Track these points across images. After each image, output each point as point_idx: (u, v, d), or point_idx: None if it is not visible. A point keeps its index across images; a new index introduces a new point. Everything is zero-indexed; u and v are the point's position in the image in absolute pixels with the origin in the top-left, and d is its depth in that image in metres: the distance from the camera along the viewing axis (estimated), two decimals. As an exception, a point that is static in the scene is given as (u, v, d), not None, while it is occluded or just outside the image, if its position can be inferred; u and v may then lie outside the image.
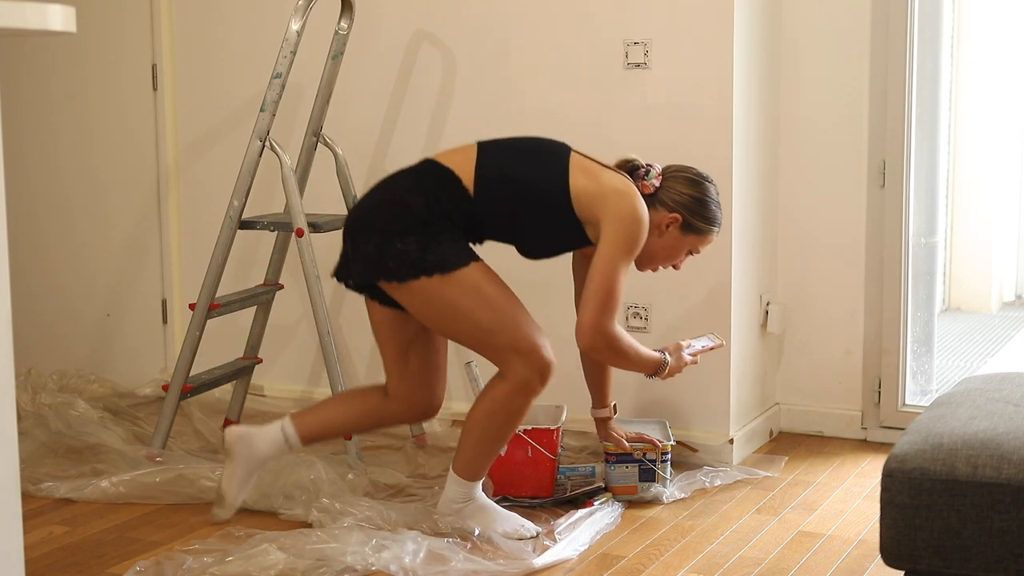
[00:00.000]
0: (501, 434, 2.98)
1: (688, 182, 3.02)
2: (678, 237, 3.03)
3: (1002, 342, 5.83)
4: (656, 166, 3.02)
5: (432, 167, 2.95)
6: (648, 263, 3.07)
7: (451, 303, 2.87)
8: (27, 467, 3.48)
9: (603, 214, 2.88)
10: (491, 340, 2.91)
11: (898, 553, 2.16)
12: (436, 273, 2.84)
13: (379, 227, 2.88)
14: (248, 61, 4.25)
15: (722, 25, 3.58)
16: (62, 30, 1.68)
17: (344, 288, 3.06)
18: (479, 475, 3.03)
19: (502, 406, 2.93)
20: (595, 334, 2.89)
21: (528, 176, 2.92)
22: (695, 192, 3.02)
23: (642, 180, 2.98)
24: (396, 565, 2.80)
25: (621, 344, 2.95)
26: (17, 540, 1.72)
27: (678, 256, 3.08)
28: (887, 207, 3.85)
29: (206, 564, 2.80)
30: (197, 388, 3.75)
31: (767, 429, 3.95)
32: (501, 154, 2.96)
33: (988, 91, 6.35)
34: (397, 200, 2.90)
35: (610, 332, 2.90)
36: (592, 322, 2.88)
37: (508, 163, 2.94)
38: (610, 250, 2.87)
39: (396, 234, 2.85)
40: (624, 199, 2.88)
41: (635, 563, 2.91)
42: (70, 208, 4.67)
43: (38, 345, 4.64)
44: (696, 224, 3.02)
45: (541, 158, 2.96)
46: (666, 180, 3.01)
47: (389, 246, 2.85)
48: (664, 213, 2.99)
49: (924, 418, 2.36)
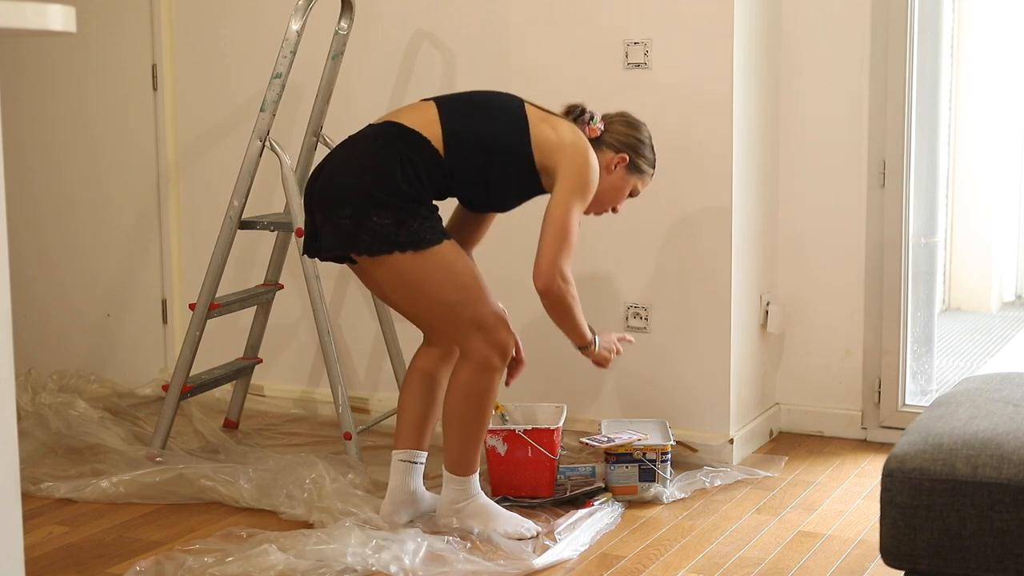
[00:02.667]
0: (478, 419, 3.02)
1: (628, 124, 3.17)
2: (623, 177, 3.15)
3: (1002, 342, 5.83)
4: (596, 111, 3.14)
5: (398, 129, 2.96)
6: (596, 206, 3.16)
7: (422, 279, 2.93)
8: (27, 467, 3.48)
9: (560, 162, 2.98)
10: (455, 317, 2.97)
11: (898, 553, 2.16)
12: (409, 250, 2.89)
13: (355, 198, 2.89)
14: (248, 61, 4.25)
15: (722, 25, 3.58)
16: (62, 30, 1.68)
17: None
18: (471, 468, 3.06)
19: (470, 390, 2.99)
20: (555, 275, 2.94)
21: (494, 131, 2.99)
22: (636, 133, 3.16)
23: (588, 124, 3.11)
24: (396, 565, 2.80)
25: (573, 293, 3.01)
26: (17, 540, 1.71)
27: (621, 197, 3.19)
28: (887, 207, 3.85)
29: (206, 564, 2.80)
30: (197, 388, 3.75)
31: (767, 429, 3.95)
32: (463, 111, 3.01)
33: (988, 91, 6.35)
34: (372, 167, 2.91)
35: (567, 276, 2.97)
36: (552, 263, 2.94)
37: (473, 120, 3.00)
38: (567, 195, 2.96)
39: (373, 205, 2.87)
40: (579, 147, 3.00)
41: (635, 563, 2.91)
42: (70, 208, 4.67)
43: (38, 345, 4.64)
44: (639, 164, 3.16)
45: (502, 112, 3.03)
46: (608, 124, 3.15)
47: (365, 219, 2.88)
48: (611, 154, 3.12)
49: (924, 418, 2.36)
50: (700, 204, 3.67)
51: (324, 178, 2.98)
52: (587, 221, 3.81)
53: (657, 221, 3.73)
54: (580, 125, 3.09)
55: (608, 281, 3.79)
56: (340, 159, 3.00)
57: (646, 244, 3.76)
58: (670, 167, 3.70)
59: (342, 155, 3.00)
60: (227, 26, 4.33)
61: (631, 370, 3.79)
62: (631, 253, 3.77)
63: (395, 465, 3.13)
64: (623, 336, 3.29)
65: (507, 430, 3.31)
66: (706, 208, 3.67)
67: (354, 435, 3.57)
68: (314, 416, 4.26)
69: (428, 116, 2.97)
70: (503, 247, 3.78)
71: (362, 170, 2.92)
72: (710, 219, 3.66)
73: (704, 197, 3.66)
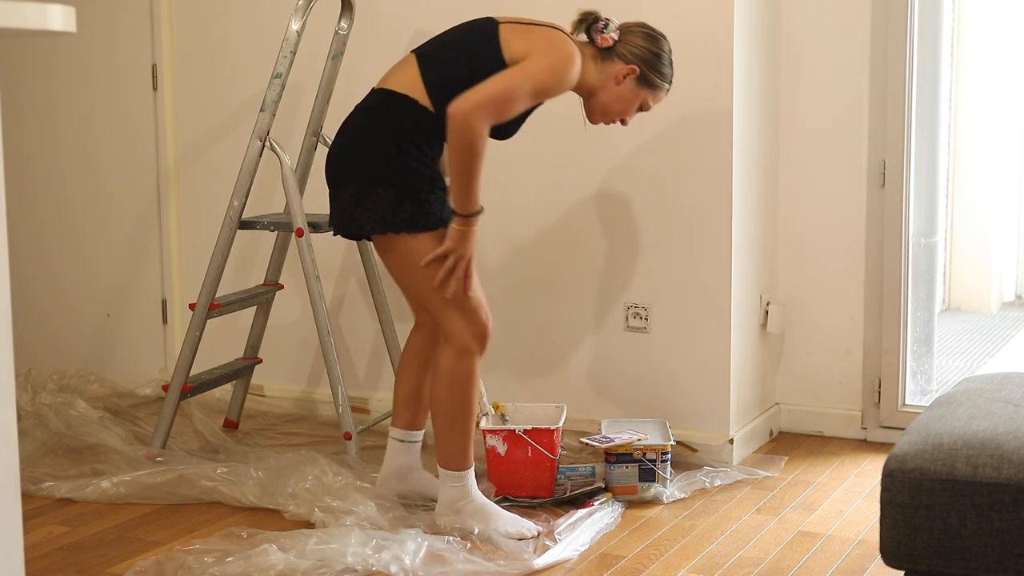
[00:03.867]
0: (464, 407, 3.04)
1: (646, 36, 3.09)
2: (632, 89, 3.08)
3: (1002, 342, 5.83)
4: (614, 20, 3.07)
5: (385, 97, 3.00)
6: (601, 115, 3.12)
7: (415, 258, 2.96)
8: (27, 467, 3.48)
9: (532, 49, 2.92)
10: (440, 297, 2.98)
11: (898, 553, 2.16)
12: (403, 231, 2.95)
13: (354, 177, 2.98)
14: (248, 61, 4.25)
15: (722, 25, 3.58)
16: (62, 30, 1.68)
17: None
18: (465, 462, 3.08)
19: (452, 377, 3.01)
20: (474, 109, 2.80)
21: (471, 68, 2.92)
22: (652, 46, 3.09)
23: (601, 33, 3.05)
24: (396, 565, 2.80)
25: (479, 140, 2.83)
26: (17, 540, 1.71)
27: (630, 109, 3.12)
28: (887, 207, 3.85)
29: (206, 564, 2.80)
30: (197, 388, 3.75)
31: (767, 429, 3.95)
32: (439, 57, 3.00)
33: (988, 91, 6.35)
34: (365, 142, 2.97)
35: (483, 122, 2.82)
36: (477, 99, 2.81)
37: (449, 63, 2.97)
38: (527, 62, 2.89)
39: (372, 183, 2.95)
40: (551, 39, 2.95)
41: (635, 563, 2.91)
42: (70, 208, 4.67)
43: (38, 345, 4.64)
44: (651, 78, 3.08)
45: (475, 45, 2.97)
46: (624, 34, 3.08)
47: (364, 197, 2.95)
48: (621, 65, 3.06)
49: (924, 418, 2.36)
50: (700, 204, 3.67)
51: (330, 157, 3.08)
52: (589, 208, 3.81)
53: (657, 221, 3.73)
54: (594, 33, 3.04)
55: (608, 281, 3.79)
56: (343, 136, 3.06)
57: (646, 244, 3.75)
58: (670, 167, 3.70)
59: (345, 132, 3.07)
60: (227, 26, 4.33)
61: (631, 370, 3.79)
62: (631, 253, 3.77)
63: (389, 443, 3.26)
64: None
65: (507, 430, 3.31)
66: (706, 208, 3.66)
67: (354, 435, 3.57)
68: (314, 416, 4.26)
69: (411, 72, 2.99)
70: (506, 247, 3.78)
71: (358, 146, 2.99)
72: (710, 219, 3.66)
73: (704, 197, 3.66)
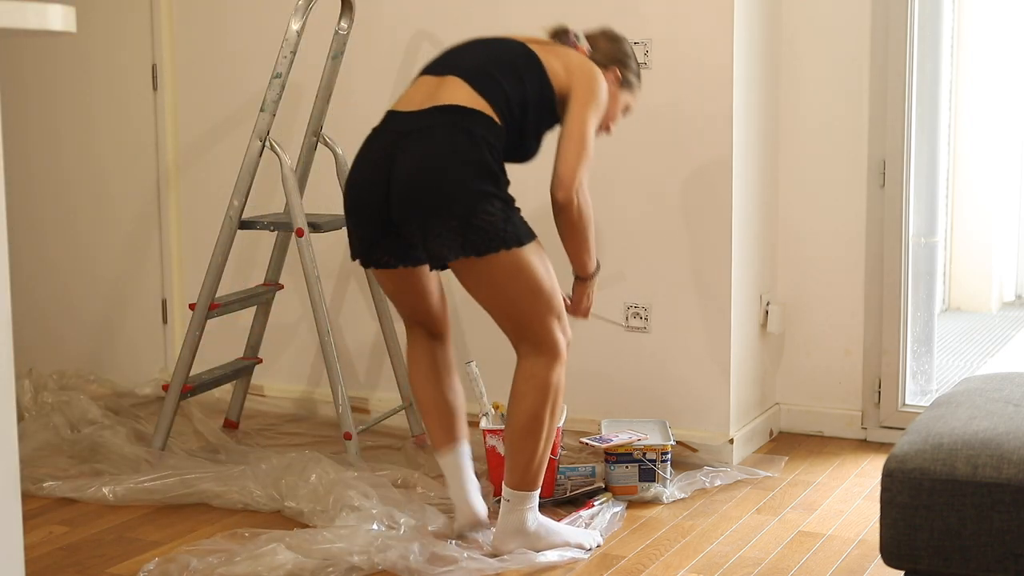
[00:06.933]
0: (554, 420, 2.91)
1: (610, 39, 3.12)
2: (615, 93, 3.08)
3: (1002, 342, 5.83)
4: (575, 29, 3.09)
5: (457, 111, 2.78)
6: None
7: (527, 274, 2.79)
8: (27, 467, 3.48)
9: (573, 85, 2.92)
10: (544, 308, 2.83)
11: (898, 553, 2.16)
12: (514, 246, 2.76)
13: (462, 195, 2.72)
14: (248, 61, 4.25)
15: (722, 25, 3.58)
16: (62, 30, 1.68)
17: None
18: (539, 480, 2.91)
19: (555, 389, 2.86)
20: (574, 186, 2.83)
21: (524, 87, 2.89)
22: (621, 46, 3.12)
23: (577, 46, 3.06)
24: (402, 564, 2.81)
25: (589, 208, 2.89)
26: (17, 540, 1.71)
27: (615, 115, 3.11)
28: (887, 207, 3.85)
29: (212, 564, 2.80)
30: (197, 388, 3.75)
31: (767, 429, 3.95)
32: (490, 76, 2.86)
33: (988, 91, 6.35)
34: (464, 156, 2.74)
35: (585, 188, 2.87)
36: (573, 173, 2.83)
37: (502, 83, 2.86)
38: (581, 109, 2.90)
39: (480, 199, 2.72)
40: (585, 65, 2.96)
41: (635, 563, 2.91)
42: (70, 208, 4.67)
43: (38, 345, 4.64)
44: (629, 77, 3.11)
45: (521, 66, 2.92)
46: (591, 41, 3.09)
47: (474, 217, 2.71)
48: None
49: (924, 418, 2.36)
50: (700, 204, 3.67)
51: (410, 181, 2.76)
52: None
53: (657, 221, 3.73)
54: (569, 47, 3.04)
55: (608, 281, 3.79)
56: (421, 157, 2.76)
57: (646, 244, 3.76)
58: (671, 166, 3.70)
59: (421, 152, 2.76)
60: (227, 26, 4.33)
61: (631, 370, 3.79)
62: (631, 253, 3.77)
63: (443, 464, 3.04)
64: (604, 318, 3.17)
65: (507, 430, 3.30)
66: (706, 208, 3.67)
67: (354, 435, 3.57)
68: (314, 416, 4.26)
69: (466, 91, 2.82)
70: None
71: (462, 163, 2.74)
72: (710, 219, 3.66)
73: (704, 197, 3.66)
